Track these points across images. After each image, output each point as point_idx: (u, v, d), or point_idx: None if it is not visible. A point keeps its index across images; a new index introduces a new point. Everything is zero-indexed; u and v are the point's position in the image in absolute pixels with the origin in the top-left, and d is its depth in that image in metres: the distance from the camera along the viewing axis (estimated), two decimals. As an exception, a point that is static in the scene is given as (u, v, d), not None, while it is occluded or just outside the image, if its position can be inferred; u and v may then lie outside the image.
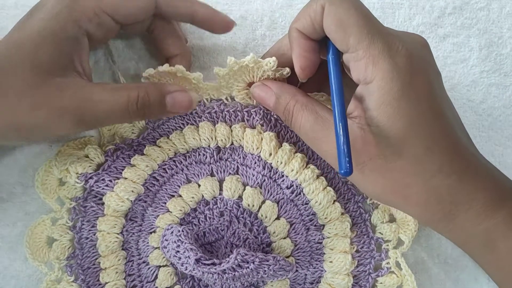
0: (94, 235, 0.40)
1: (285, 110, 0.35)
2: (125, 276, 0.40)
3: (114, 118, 0.34)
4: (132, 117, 0.34)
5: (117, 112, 0.33)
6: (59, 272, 0.39)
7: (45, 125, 0.32)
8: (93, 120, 0.33)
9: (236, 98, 0.39)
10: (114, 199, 0.39)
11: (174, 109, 0.36)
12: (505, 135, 0.43)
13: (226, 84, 0.38)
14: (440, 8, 0.44)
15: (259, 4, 0.43)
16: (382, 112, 0.31)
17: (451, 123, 0.32)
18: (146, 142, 0.41)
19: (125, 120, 0.36)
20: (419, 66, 0.31)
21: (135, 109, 0.34)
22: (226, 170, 0.40)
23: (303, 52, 0.33)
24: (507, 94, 0.44)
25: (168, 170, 0.40)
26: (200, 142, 0.40)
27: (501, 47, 0.44)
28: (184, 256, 0.36)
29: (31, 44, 0.32)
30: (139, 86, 0.34)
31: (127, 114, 0.34)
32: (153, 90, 0.34)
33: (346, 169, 0.30)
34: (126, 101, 0.33)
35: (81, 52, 0.34)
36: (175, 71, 0.37)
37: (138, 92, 0.34)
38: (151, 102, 0.34)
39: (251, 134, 0.39)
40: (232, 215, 0.40)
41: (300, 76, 0.34)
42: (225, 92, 0.39)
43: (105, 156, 0.39)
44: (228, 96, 0.40)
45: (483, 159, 0.34)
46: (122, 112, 0.33)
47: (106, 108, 0.33)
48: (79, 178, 0.39)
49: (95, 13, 0.34)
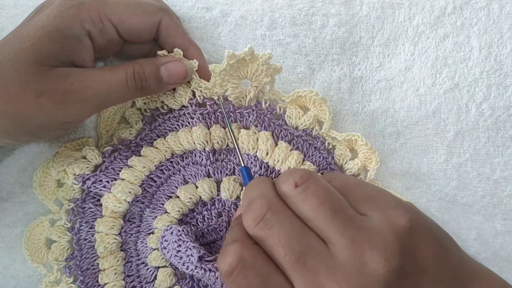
0: (92, 236, 0.40)
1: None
2: (124, 277, 0.40)
3: (115, 96, 0.35)
4: (132, 93, 0.35)
5: (117, 89, 0.34)
6: (58, 273, 0.40)
7: (50, 111, 0.33)
8: (95, 101, 0.34)
9: (229, 97, 0.39)
10: (111, 200, 0.39)
11: (171, 79, 0.37)
12: (505, 135, 0.43)
13: (221, 82, 0.38)
14: (440, 8, 0.44)
15: (259, 4, 0.43)
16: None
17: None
18: (143, 143, 0.41)
19: (127, 97, 0.36)
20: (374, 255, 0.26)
21: (134, 84, 0.35)
22: (223, 171, 0.40)
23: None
24: (507, 94, 0.44)
25: (165, 171, 0.40)
26: (195, 145, 0.40)
27: (501, 47, 0.44)
28: (186, 255, 0.36)
29: (35, 38, 0.33)
30: (134, 62, 0.35)
31: (126, 90, 0.35)
32: (147, 62, 0.36)
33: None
34: (124, 77, 0.34)
35: (84, 52, 0.35)
36: (174, 55, 0.37)
37: (133, 67, 0.35)
38: (147, 75, 0.35)
39: (246, 135, 0.39)
40: (231, 216, 0.40)
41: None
42: (218, 91, 0.38)
43: (103, 157, 0.39)
44: (220, 96, 0.39)
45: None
46: (122, 89, 0.35)
47: (108, 86, 0.34)
48: (76, 179, 0.39)
49: (100, 18, 0.35)
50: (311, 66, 0.43)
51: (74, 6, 0.34)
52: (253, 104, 0.39)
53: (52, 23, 0.33)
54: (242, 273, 0.27)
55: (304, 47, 0.43)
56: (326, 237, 0.27)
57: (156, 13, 0.37)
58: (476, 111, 0.43)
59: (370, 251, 0.26)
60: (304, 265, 0.27)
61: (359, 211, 0.29)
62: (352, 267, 0.26)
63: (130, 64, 0.35)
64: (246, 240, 0.28)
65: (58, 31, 0.33)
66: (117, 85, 0.34)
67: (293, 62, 0.42)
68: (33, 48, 0.32)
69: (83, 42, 0.35)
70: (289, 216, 0.28)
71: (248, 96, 0.38)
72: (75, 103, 0.33)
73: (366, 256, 0.26)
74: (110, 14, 0.35)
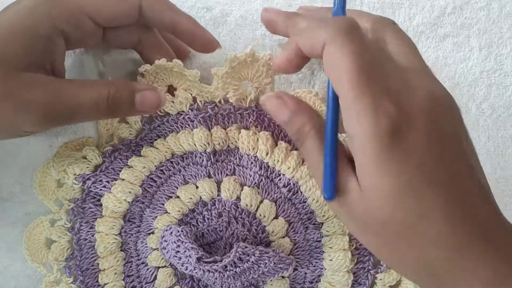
0: (92, 236, 0.40)
1: (299, 131, 0.33)
2: (124, 277, 0.40)
3: (83, 114, 0.33)
4: (101, 115, 0.34)
5: (86, 109, 0.32)
6: (58, 273, 0.40)
7: (10, 118, 0.31)
8: (60, 116, 0.32)
9: (230, 99, 0.38)
10: (111, 200, 0.39)
11: (143, 107, 0.35)
12: (505, 135, 0.43)
13: (223, 85, 0.38)
14: (440, 7, 0.44)
15: (259, 4, 0.43)
16: (366, 172, 0.28)
17: (456, 187, 0.28)
18: (144, 143, 0.41)
19: (94, 117, 0.35)
20: (413, 128, 0.28)
21: (106, 106, 0.33)
22: (223, 172, 0.40)
23: (291, 57, 0.32)
24: (507, 94, 0.44)
25: (165, 171, 0.40)
26: (196, 147, 0.40)
27: (501, 47, 0.44)
28: (184, 256, 0.36)
29: (1, 37, 0.31)
30: (110, 83, 0.34)
31: (96, 111, 0.33)
32: (123, 87, 0.34)
33: (329, 194, 0.30)
34: (97, 97, 0.32)
35: (54, 52, 0.33)
36: (172, 66, 0.36)
37: (109, 89, 0.33)
38: (122, 100, 0.34)
39: (246, 135, 0.39)
40: (231, 216, 0.40)
41: (274, 68, 0.34)
42: (219, 94, 0.38)
43: (103, 157, 0.39)
44: (221, 99, 0.39)
45: (494, 224, 0.29)
46: (92, 109, 0.33)
47: (75, 104, 0.32)
48: (76, 179, 0.39)
49: (73, 13, 0.33)
50: (311, 66, 0.43)
51: (44, 3, 0.32)
52: (253, 105, 0.39)
53: (20, 22, 0.31)
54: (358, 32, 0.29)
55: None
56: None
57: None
58: (476, 111, 0.43)
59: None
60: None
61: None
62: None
63: (104, 84, 0.33)
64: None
65: (26, 31, 0.31)
66: (87, 104, 0.32)
67: (293, 62, 0.42)
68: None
69: (54, 42, 0.33)
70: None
71: (249, 98, 0.38)
72: (38, 115, 0.31)
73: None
74: (84, 6, 0.33)
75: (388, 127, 0.27)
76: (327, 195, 0.30)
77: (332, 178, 0.30)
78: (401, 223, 0.28)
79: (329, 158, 0.30)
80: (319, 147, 0.32)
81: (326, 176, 0.30)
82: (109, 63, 0.41)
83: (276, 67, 0.34)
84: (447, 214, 0.28)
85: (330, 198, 0.30)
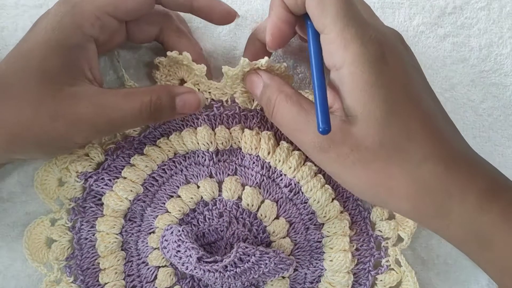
0: (93, 235, 0.40)
1: (268, 99, 0.34)
2: (125, 277, 0.40)
3: (128, 123, 0.35)
4: (144, 121, 0.35)
5: (131, 117, 0.33)
6: (58, 272, 0.39)
7: (64, 136, 0.32)
8: (108, 127, 0.34)
9: (237, 100, 0.39)
10: (113, 198, 0.39)
11: (184, 110, 0.36)
12: (505, 135, 0.43)
13: (231, 84, 0.38)
14: (440, 7, 0.44)
15: (259, 3, 0.43)
16: (356, 99, 0.30)
17: (432, 112, 0.32)
18: (147, 140, 0.41)
19: (138, 124, 0.36)
20: (392, 55, 0.31)
21: (148, 113, 0.34)
22: (225, 172, 0.40)
23: (279, 22, 0.33)
24: (507, 94, 0.44)
25: (167, 170, 0.40)
26: (199, 146, 0.40)
27: (501, 47, 0.44)
28: (185, 256, 0.36)
29: (39, 56, 0.32)
30: (150, 90, 0.34)
31: (140, 119, 0.34)
32: (164, 93, 0.35)
33: (326, 125, 0.30)
34: (139, 106, 0.33)
35: (89, 59, 0.34)
36: (182, 59, 0.37)
37: (150, 96, 0.34)
38: (164, 106, 0.34)
39: (249, 135, 0.39)
40: (232, 216, 0.40)
41: (268, 44, 0.34)
42: (227, 92, 0.39)
43: (106, 155, 0.39)
44: (228, 98, 0.39)
45: (472, 151, 0.33)
46: (136, 117, 0.34)
47: (121, 114, 0.33)
48: (78, 177, 0.39)
49: (96, 16, 0.34)
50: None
51: (68, 13, 0.33)
52: (258, 108, 0.39)
53: (53, 37, 0.32)
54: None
55: (304, 47, 0.43)
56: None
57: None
58: (476, 111, 0.43)
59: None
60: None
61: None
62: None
63: (146, 92, 0.34)
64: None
65: (61, 45, 0.32)
66: (131, 114, 0.33)
67: (293, 62, 0.42)
68: (41, 67, 0.32)
69: (87, 49, 0.34)
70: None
71: (256, 102, 0.39)
72: (87, 129, 0.33)
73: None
74: (103, 5, 0.34)
75: (376, 53, 0.30)
76: (326, 127, 0.30)
77: (325, 110, 0.30)
78: (391, 147, 0.30)
79: (320, 90, 0.31)
80: (291, 103, 0.33)
81: (319, 109, 0.30)
82: (123, 56, 0.42)
83: (269, 40, 0.34)
84: (432, 133, 0.31)
85: (328, 129, 0.30)
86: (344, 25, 0.30)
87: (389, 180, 0.31)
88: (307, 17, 0.33)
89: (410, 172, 0.31)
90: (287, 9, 0.33)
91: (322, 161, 0.33)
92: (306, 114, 0.32)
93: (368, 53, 0.30)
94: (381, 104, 0.30)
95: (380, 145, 0.30)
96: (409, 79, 0.32)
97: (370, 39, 0.31)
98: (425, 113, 0.32)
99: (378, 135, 0.30)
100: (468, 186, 0.31)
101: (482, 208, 0.30)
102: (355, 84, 0.30)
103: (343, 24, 0.30)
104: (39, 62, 0.32)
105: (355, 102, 0.30)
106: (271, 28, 0.34)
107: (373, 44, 0.30)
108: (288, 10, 0.33)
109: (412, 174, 0.31)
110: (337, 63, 0.31)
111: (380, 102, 0.30)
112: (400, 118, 0.30)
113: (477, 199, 0.30)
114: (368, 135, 0.30)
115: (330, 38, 0.31)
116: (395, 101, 0.30)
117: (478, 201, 0.30)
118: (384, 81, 0.30)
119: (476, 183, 0.31)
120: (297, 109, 0.33)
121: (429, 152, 0.31)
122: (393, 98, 0.30)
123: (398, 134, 0.30)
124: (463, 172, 0.31)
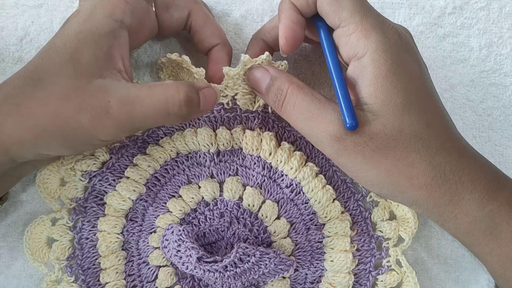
0: (94, 235, 0.40)
1: (278, 90, 0.34)
2: (125, 276, 0.40)
3: (153, 121, 0.33)
4: (171, 119, 0.32)
5: (156, 115, 0.32)
6: (59, 272, 0.39)
7: (88, 129, 0.31)
8: (132, 123, 0.32)
9: (238, 101, 0.38)
10: (116, 197, 0.39)
11: (205, 106, 0.34)
12: (505, 135, 0.43)
13: (232, 85, 0.37)
14: (440, 8, 0.44)
15: (259, 3, 0.43)
16: (379, 86, 0.31)
17: (442, 106, 0.34)
18: (150, 140, 0.41)
19: (164, 122, 0.33)
20: (408, 45, 0.33)
21: (176, 110, 0.32)
22: (226, 172, 0.40)
23: (291, 24, 0.34)
24: (507, 94, 0.44)
25: (170, 170, 0.40)
26: (200, 146, 0.40)
27: (501, 47, 0.44)
28: (185, 255, 0.36)
29: (70, 48, 0.32)
30: (175, 85, 0.32)
31: (166, 116, 0.32)
32: (189, 87, 0.32)
33: (353, 121, 0.31)
34: (165, 102, 0.32)
35: (121, 48, 0.33)
36: (181, 61, 0.37)
37: (178, 91, 0.32)
38: (194, 101, 0.32)
39: (251, 136, 0.39)
40: (233, 216, 0.40)
41: (282, 48, 0.34)
42: (228, 94, 0.38)
43: (110, 154, 0.39)
44: (229, 101, 0.39)
45: (473, 147, 0.35)
46: (161, 115, 0.32)
47: (148, 110, 0.31)
48: (83, 176, 0.39)
49: (126, 1, 0.33)
50: (311, 67, 0.43)
51: (98, 4, 0.33)
52: (260, 109, 0.39)
53: (84, 28, 0.32)
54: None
55: (304, 48, 0.43)
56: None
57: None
58: (476, 111, 0.43)
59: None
60: None
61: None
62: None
63: (172, 88, 0.32)
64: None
65: (92, 35, 0.32)
66: (156, 110, 0.32)
67: (293, 63, 0.42)
68: (72, 59, 0.31)
69: (119, 36, 0.33)
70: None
71: (257, 104, 0.39)
72: (114, 124, 0.31)
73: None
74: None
75: (397, 42, 0.32)
76: (353, 122, 0.31)
77: (350, 105, 0.31)
78: (411, 134, 0.31)
79: (341, 86, 0.32)
80: (304, 92, 0.33)
81: (344, 105, 0.31)
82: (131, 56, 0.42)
83: (283, 43, 0.34)
84: (448, 123, 0.33)
85: (355, 125, 0.31)
86: (362, 15, 0.32)
87: (410, 168, 0.32)
88: (316, 18, 0.34)
89: (429, 160, 0.31)
90: (298, 11, 0.34)
91: (338, 151, 0.32)
92: (320, 103, 0.33)
93: (389, 42, 0.31)
94: (402, 92, 0.31)
95: (400, 131, 0.31)
96: (422, 71, 0.33)
97: (389, 29, 0.32)
98: (437, 105, 0.33)
99: (398, 122, 0.31)
100: (478, 175, 0.32)
101: (490, 196, 0.32)
102: (379, 71, 0.31)
103: (361, 15, 0.32)
104: (71, 54, 0.32)
105: (378, 89, 0.31)
106: (285, 31, 0.34)
107: (394, 34, 0.32)
108: (298, 12, 0.34)
109: (431, 162, 0.32)
110: (359, 51, 0.32)
111: (402, 89, 0.31)
112: (419, 106, 0.31)
113: (485, 188, 0.32)
114: (388, 122, 0.31)
115: (349, 29, 0.32)
116: (415, 90, 0.32)
117: (486, 190, 0.32)
118: (405, 69, 0.31)
119: (484, 173, 0.33)
120: (310, 98, 0.33)
121: (445, 140, 0.32)
122: (413, 86, 0.31)
123: (417, 122, 0.31)
124: (472, 162, 0.33)
